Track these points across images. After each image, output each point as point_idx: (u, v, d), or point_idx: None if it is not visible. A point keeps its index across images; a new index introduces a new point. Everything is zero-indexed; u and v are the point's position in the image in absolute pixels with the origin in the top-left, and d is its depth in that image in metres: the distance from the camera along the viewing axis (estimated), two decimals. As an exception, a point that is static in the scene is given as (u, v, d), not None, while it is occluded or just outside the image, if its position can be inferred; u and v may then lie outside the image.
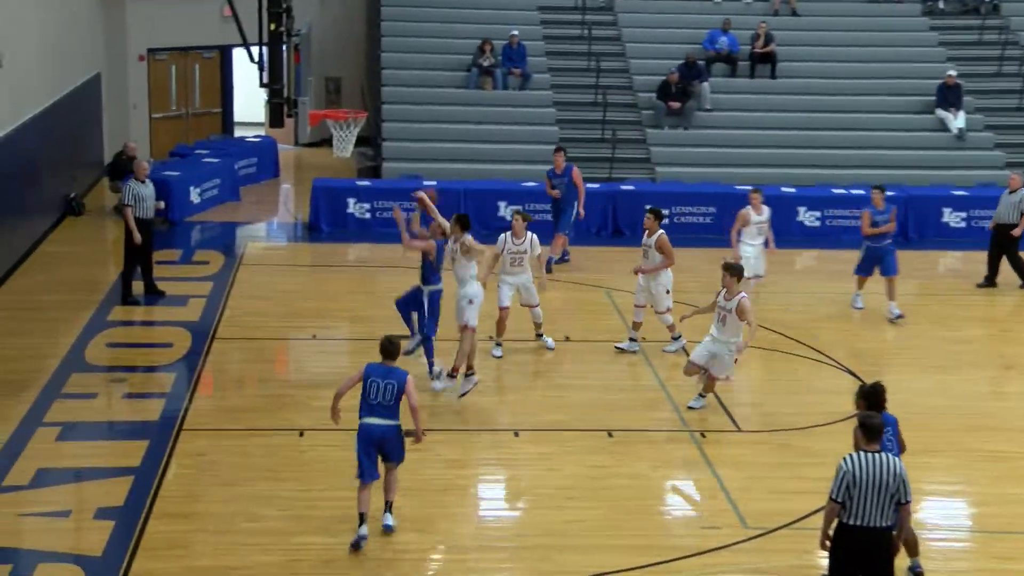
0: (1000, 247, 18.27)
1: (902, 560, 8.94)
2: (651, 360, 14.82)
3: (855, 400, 9.55)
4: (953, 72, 24.34)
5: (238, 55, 25.23)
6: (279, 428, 12.45)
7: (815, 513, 10.70)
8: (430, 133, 23.28)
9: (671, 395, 13.72)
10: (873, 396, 9.45)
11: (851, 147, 23.54)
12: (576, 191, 18.69)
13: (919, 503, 10.66)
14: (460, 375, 13.35)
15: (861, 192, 21.53)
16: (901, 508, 8.51)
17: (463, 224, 13.37)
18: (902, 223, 21.20)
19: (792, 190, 21.64)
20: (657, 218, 14.91)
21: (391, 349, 10.20)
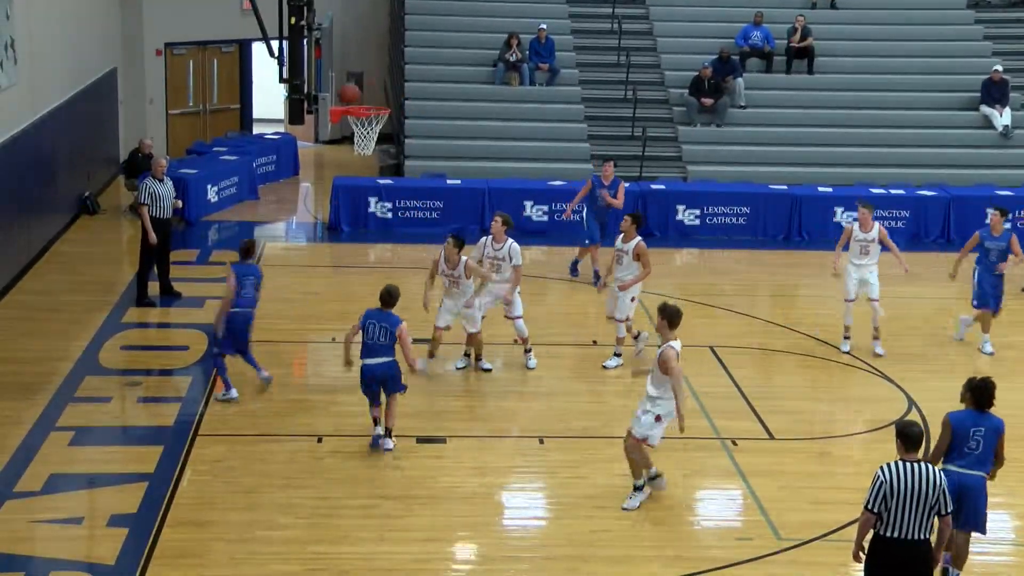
0: None
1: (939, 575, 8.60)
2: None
3: (961, 393, 9.35)
4: (999, 67, 23.96)
5: (257, 50, 25.15)
6: (297, 434, 12.33)
7: (851, 524, 10.46)
8: (454, 130, 23.07)
9: (702, 402, 13.43)
10: (980, 391, 9.24)
11: (891, 145, 23.18)
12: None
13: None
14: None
15: (901, 192, 21.19)
16: (941, 520, 8.31)
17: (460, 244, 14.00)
18: (944, 224, 20.81)
19: (829, 190, 21.31)
20: (636, 223, 14.30)
21: (388, 298, 11.84)
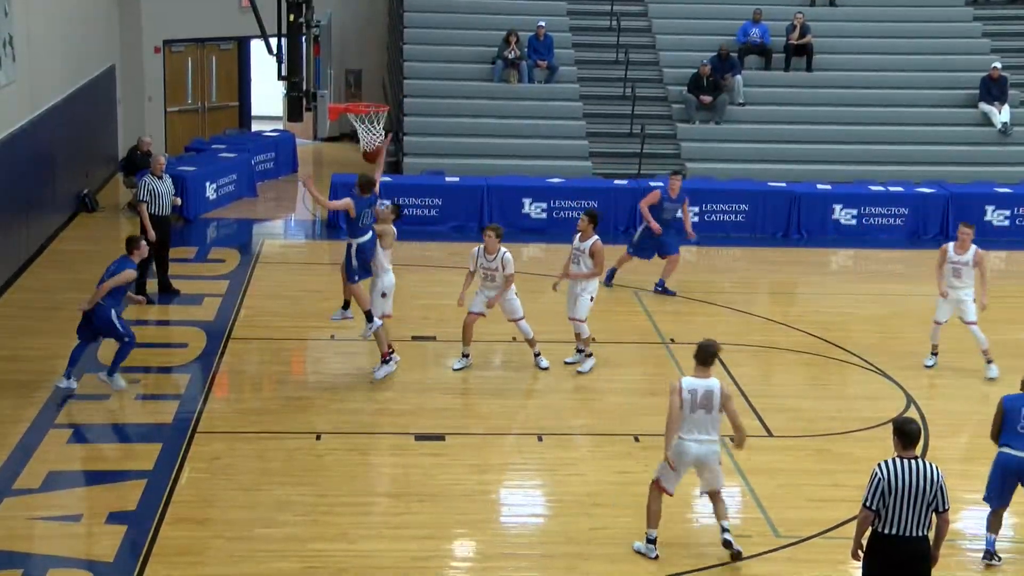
0: None
1: (939, 572, 8.57)
2: (680, 363, 14.48)
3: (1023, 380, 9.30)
4: (998, 64, 23.92)
5: (256, 47, 25.11)
6: (296, 431, 12.29)
7: (849, 522, 10.45)
8: (453, 127, 23.04)
9: (701, 399, 13.34)
10: None
11: (890, 142, 23.16)
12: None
13: (958, 512, 10.41)
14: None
15: (900, 189, 21.19)
16: (939, 516, 8.30)
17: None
18: (943, 221, 20.81)
19: (828, 187, 21.28)
20: (592, 221, 13.91)
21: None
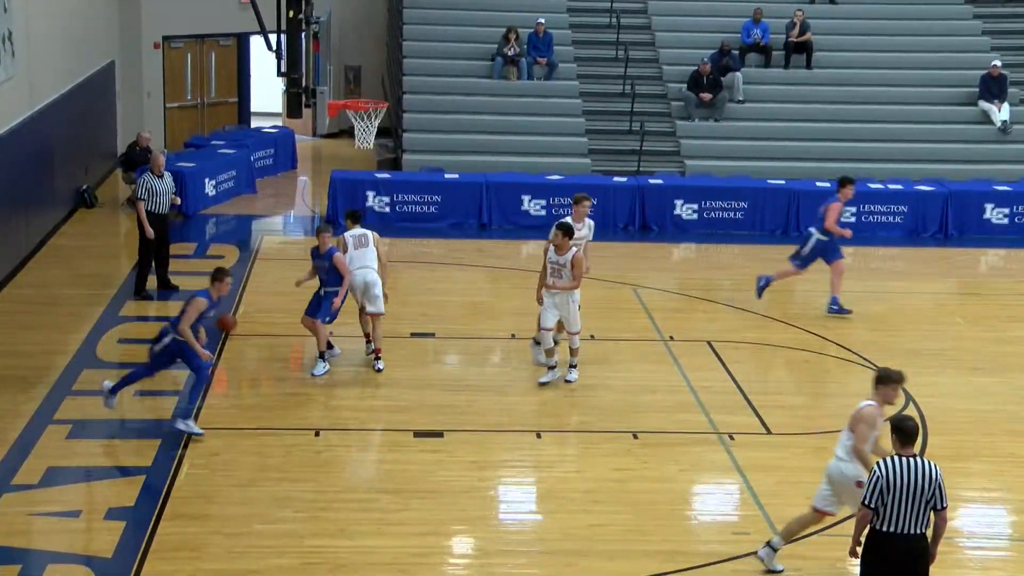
0: None
1: (936, 569, 8.56)
2: (679, 360, 14.49)
3: None
4: (997, 62, 23.93)
5: (255, 43, 25.10)
6: (294, 428, 12.28)
7: (849, 519, 10.40)
8: (452, 124, 23.04)
9: (699, 397, 13.42)
10: None
11: (889, 140, 23.15)
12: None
13: (956, 510, 10.32)
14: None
15: (899, 187, 21.20)
16: (937, 514, 8.29)
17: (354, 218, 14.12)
18: (942, 219, 20.82)
19: (827, 185, 21.14)
20: (567, 235, 13.42)
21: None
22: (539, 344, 13.87)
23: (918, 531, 8.25)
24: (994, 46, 25.34)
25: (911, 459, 8.25)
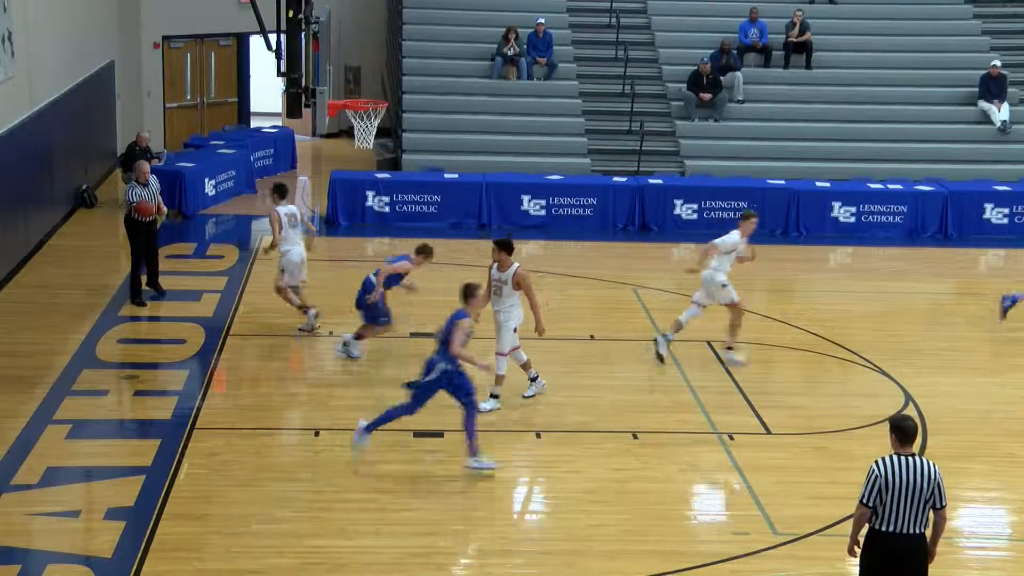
0: None
1: (936, 569, 8.55)
2: (679, 360, 14.48)
3: None
4: (997, 62, 23.94)
5: (255, 43, 25.10)
6: (294, 428, 12.34)
7: (847, 519, 10.43)
8: (452, 124, 23.03)
9: (699, 397, 13.41)
10: None
11: (889, 140, 23.15)
12: None
13: (956, 510, 10.34)
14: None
15: (899, 187, 21.19)
16: (936, 513, 8.26)
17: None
18: (942, 219, 20.82)
19: (827, 185, 21.27)
20: (506, 250, 12.64)
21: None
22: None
23: (917, 531, 8.23)
24: (994, 46, 25.35)
25: (909, 458, 8.24)
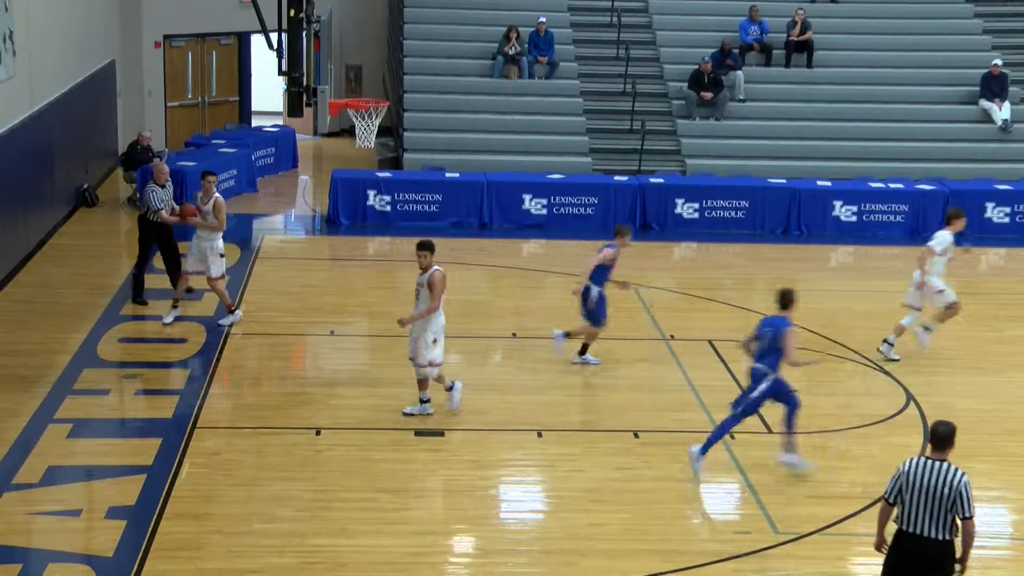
0: None
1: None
2: (680, 360, 14.48)
3: None
4: (998, 61, 23.93)
5: (256, 42, 25.08)
6: (295, 427, 12.28)
7: (848, 518, 10.53)
8: (453, 123, 23.02)
9: (700, 396, 13.41)
10: None
11: (890, 139, 23.13)
12: None
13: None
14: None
15: (900, 186, 21.18)
16: (963, 522, 8.20)
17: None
18: (942, 218, 20.75)
19: (828, 184, 21.25)
20: (426, 250, 12.22)
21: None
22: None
23: (936, 536, 8.17)
24: (995, 45, 25.33)
25: (935, 462, 8.26)
